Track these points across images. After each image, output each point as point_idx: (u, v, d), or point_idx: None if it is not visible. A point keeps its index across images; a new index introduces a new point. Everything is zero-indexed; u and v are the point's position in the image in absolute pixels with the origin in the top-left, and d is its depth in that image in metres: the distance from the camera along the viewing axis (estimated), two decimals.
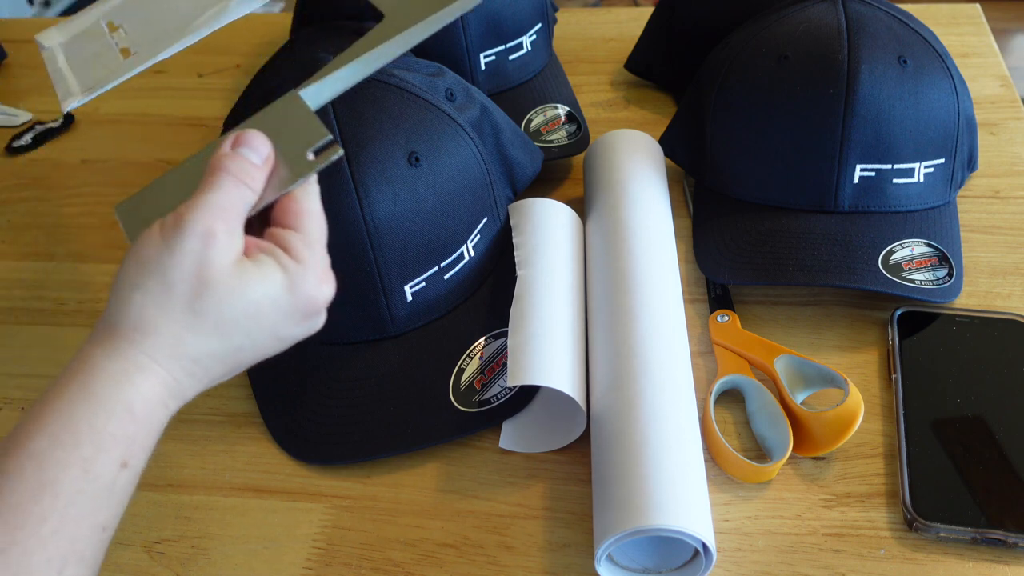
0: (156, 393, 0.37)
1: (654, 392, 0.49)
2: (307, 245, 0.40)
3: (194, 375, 0.38)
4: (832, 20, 0.62)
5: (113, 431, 0.35)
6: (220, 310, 0.38)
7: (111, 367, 0.36)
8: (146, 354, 0.37)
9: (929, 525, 0.47)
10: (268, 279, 0.39)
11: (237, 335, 0.39)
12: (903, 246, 0.60)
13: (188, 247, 0.37)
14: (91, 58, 0.53)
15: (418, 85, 0.58)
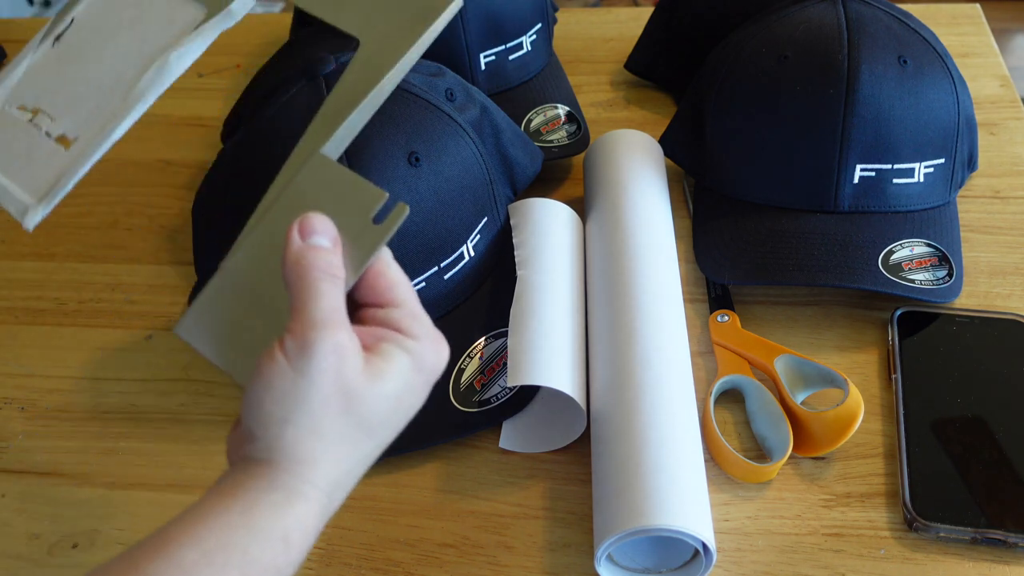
0: (313, 519, 0.36)
1: (654, 392, 0.49)
2: (413, 317, 0.39)
3: (347, 488, 0.38)
4: (832, 20, 0.62)
5: (266, 561, 0.34)
6: (369, 417, 0.37)
7: (273, 497, 0.35)
8: (309, 483, 0.36)
9: (929, 525, 0.47)
10: (398, 368, 0.37)
11: (384, 432, 0.38)
12: (903, 246, 0.60)
13: (323, 367, 0.35)
14: (23, 157, 0.46)
15: (418, 85, 0.58)
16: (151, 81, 0.45)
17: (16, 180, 0.46)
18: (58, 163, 0.45)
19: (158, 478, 0.55)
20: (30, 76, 0.47)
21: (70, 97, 0.46)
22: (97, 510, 0.53)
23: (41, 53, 0.48)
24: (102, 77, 0.46)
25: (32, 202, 0.45)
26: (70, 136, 0.45)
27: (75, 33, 0.47)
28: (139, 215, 0.75)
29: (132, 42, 0.46)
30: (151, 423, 0.58)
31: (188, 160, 0.80)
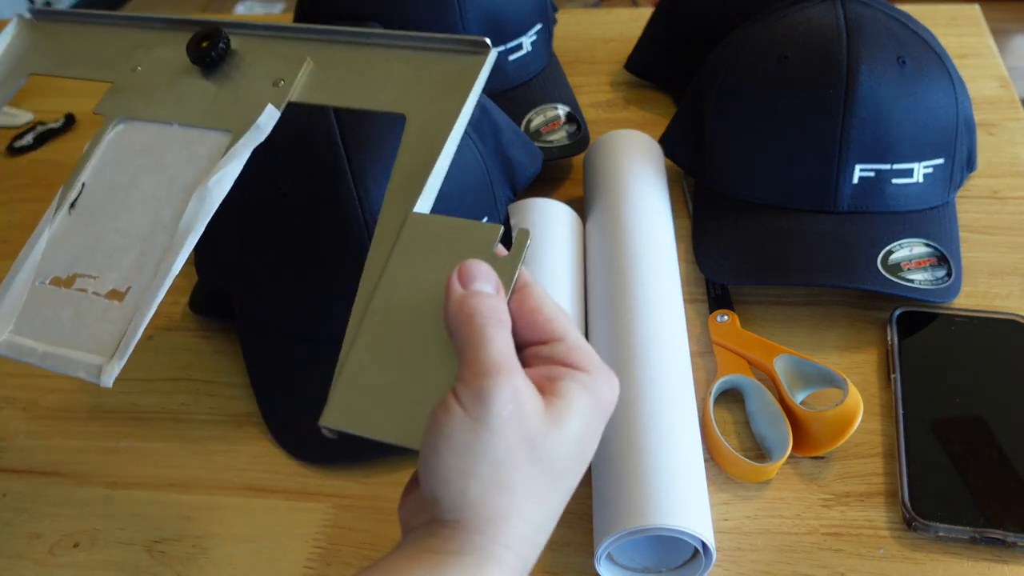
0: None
1: (654, 392, 0.49)
2: (580, 350, 0.36)
3: (538, 545, 0.35)
4: (832, 21, 0.62)
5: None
6: (554, 464, 0.34)
7: (464, 560, 0.33)
8: (502, 544, 0.34)
9: (928, 524, 0.47)
10: (579, 407, 0.35)
11: (568, 479, 0.35)
12: (902, 246, 0.60)
13: (503, 415, 0.33)
14: (75, 323, 0.45)
15: None
16: (196, 212, 0.45)
17: (76, 347, 0.45)
18: (117, 316, 0.45)
19: (159, 478, 0.55)
20: (54, 248, 0.47)
21: (107, 253, 0.46)
22: (98, 510, 0.53)
23: (59, 223, 0.48)
24: (136, 225, 0.46)
25: (103, 360, 0.44)
26: (120, 288, 0.45)
27: (91, 195, 0.48)
28: None
29: (159, 186, 0.47)
30: (152, 423, 0.58)
31: None
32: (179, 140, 0.48)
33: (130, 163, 0.48)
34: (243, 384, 0.60)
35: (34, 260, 0.47)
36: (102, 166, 0.48)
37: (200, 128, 0.47)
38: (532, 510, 0.34)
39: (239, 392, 0.59)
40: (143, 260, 0.45)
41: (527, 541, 0.34)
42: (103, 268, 0.46)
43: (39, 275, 0.47)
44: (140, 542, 0.51)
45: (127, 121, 0.49)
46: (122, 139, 0.49)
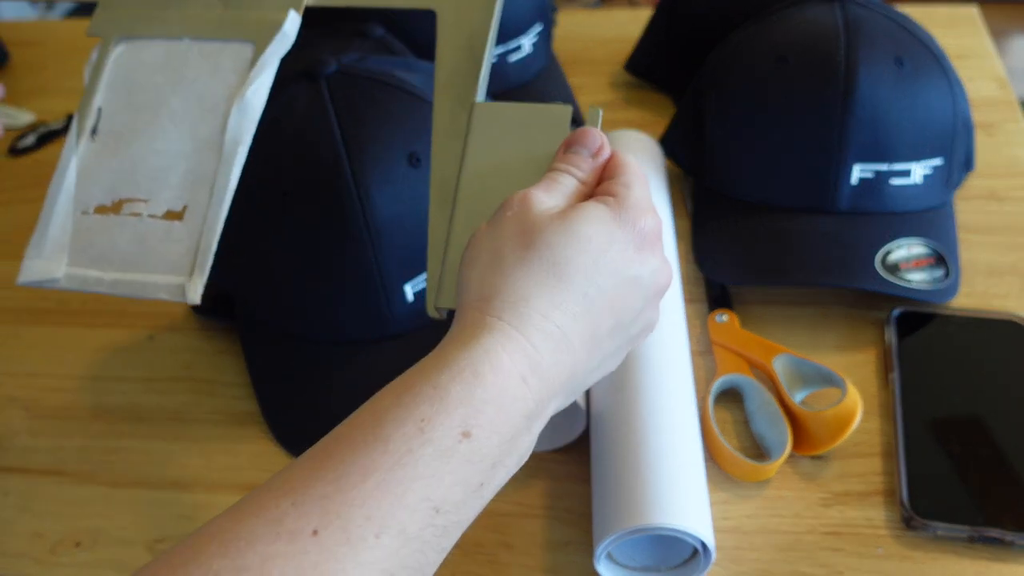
0: (507, 357, 0.33)
1: (654, 391, 0.50)
2: (623, 184, 0.38)
3: (551, 336, 0.35)
4: (830, 21, 0.62)
5: (457, 393, 0.32)
6: (552, 252, 0.35)
7: (461, 335, 0.34)
8: (492, 315, 0.34)
9: (927, 523, 0.47)
10: (589, 212, 0.36)
11: (577, 277, 0.35)
12: (901, 246, 0.60)
13: (508, 215, 0.37)
14: (138, 248, 0.44)
15: (418, 86, 0.59)
16: (239, 124, 0.44)
17: (147, 271, 0.44)
18: (183, 234, 0.44)
19: (160, 477, 0.55)
20: (87, 176, 0.46)
21: (149, 175, 0.45)
22: (100, 509, 0.54)
23: (84, 150, 0.46)
24: (174, 145, 0.45)
25: (182, 279, 0.44)
26: (176, 208, 0.45)
27: (112, 119, 0.46)
28: None
29: (188, 103, 0.46)
30: (153, 422, 0.58)
31: None
32: (196, 55, 0.46)
33: (148, 82, 0.46)
34: (244, 384, 0.60)
35: (69, 190, 0.46)
36: (115, 89, 0.46)
37: (216, 41, 0.45)
38: (530, 291, 0.35)
39: (240, 392, 0.60)
40: (193, 178, 0.45)
41: (525, 320, 0.34)
42: (151, 191, 0.45)
43: (79, 205, 0.46)
44: (141, 541, 0.52)
45: (129, 40, 0.47)
46: (129, 59, 0.46)
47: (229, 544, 0.28)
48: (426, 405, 0.32)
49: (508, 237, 0.36)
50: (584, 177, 0.39)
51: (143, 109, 0.46)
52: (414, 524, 0.30)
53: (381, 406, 0.32)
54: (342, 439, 0.32)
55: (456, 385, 0.32)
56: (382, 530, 0.29)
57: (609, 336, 0.37)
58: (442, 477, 0.31)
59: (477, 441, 0.32)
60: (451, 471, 0.31)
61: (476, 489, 0.32)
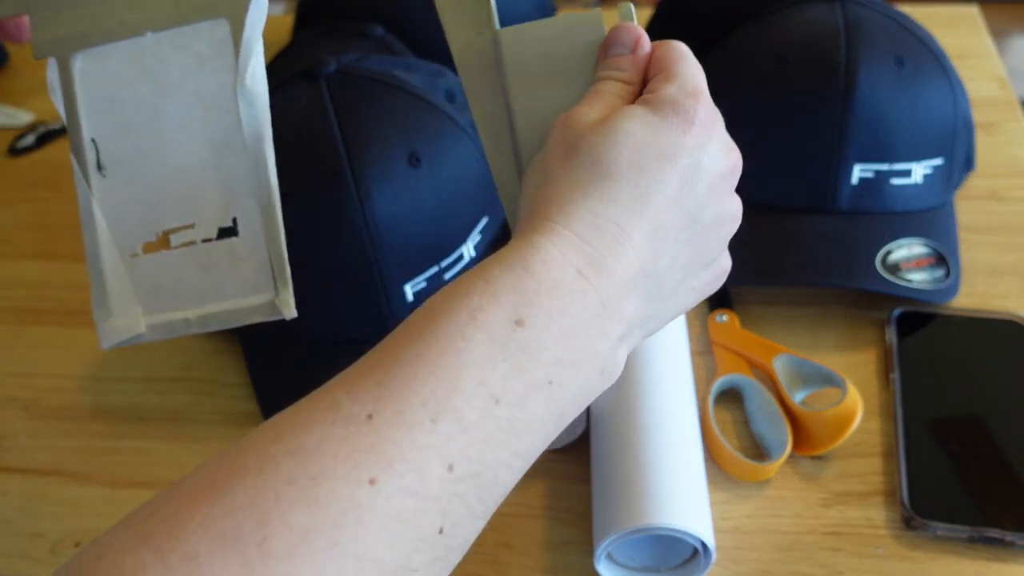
0: (558, 252, 0.33)
1: (654, 391, 0.49)
2: (664, 79, 0.38)
3: (604, 231, 0.34)
4: (830, 21, 0.62)
5: (508, 283, 0.32)
6: (595, 152, 0.35)
7: (514, 241, 0.34)
8: (539, 216, 0.34)
9: (927, 523, 0.47)
10: (631, 112, 0.36)
11: (624, 170, 0.34)
12: (901, 246, 0.60)
13: (553, 138, 0.37)
14: (207, 276, 0.41)
15: (419, 86, 0.59)
16: (253, 117, 0.40)
17: (229, 297, 0.41)
18: (247, 250, 0.41)
19: (160, 477, 0.55)
20: (116, 216, 0.41)
21: (181, 197, 0.41)
22: (99, 509, 0.54)
23: (99, 190, 0.42)
24: (191, 157, 0.41)
25: (269, 295, 0.41)
26: (227, 224, 0.41)
27: (111, 148, 0.41)
28: None
29: (183, 107, 0.41)
30: (153, 423, 0.58)
31: None
32: (169, 49, 0.41)
33: (131, 96, 0.41)
34: (244, 384, 0.60)
35: (105, 237, 0.41)
36: (98, 113, 0.41)
37: (182, 26, 0.40)
38: (575, 192, 0.34)
39: (240, 392, 0.59)
40: (230, 187, 0.41)
41: (571, 217, 0.34)
42: (191, 213, 0.41)
43: (124, 249, 0.41)
44: None
45: (85, 53, 0.41)
46: (97, 74, 0.41)
47: (285, 431, 0.28)
48: (477, 296, 0.31)
49: (554, 155, 0.36)
50: (628, 77, 0.39)
51: (139, 128, 0.41)
52: (472, 411, 0.30)
53: (434, 302, 0.32)
54: (398, 335, 0.31)
55: (507, 277, 0.32)
56: (438, 415, 0.29)
57: (677, 229, 0.35)
58: (496, 364, 0.30)
59: (533, 330, 0.31)
60: (506, 358, 0.31)
61: (542, 386, 0.31)
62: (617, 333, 0.34)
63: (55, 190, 0.79)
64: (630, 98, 0.38)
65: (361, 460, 0.28)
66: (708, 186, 0.36)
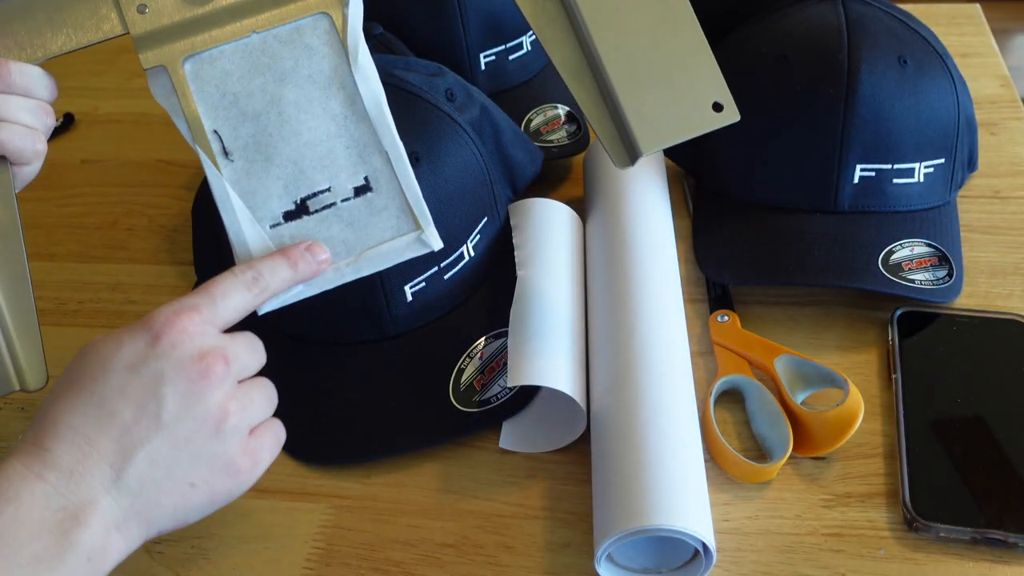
0: (21, 464, 0.38)
1: (654, 392, 0.49)
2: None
3: (61, 437, 0.38)
4: (832, 20, 0.62)
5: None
6: (70, 372, 0.41)
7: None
8: (28, 434, 0.39)
9: (929, 525, 0.47)
10: (107, 335, 0.41)
11: (89, 382, 0.39)
12: (903, 246, 0.60)
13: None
14: (352, 231, 0.47)
15: (418, 85, 0.58)
16: (370, 88, 0.47)
17: (376, 242, 0.47)
18: (385, 201, 0.47)
19: None
20: (252, 194, 0.47)
21: (314, 167, 0.47)
22: None
23: (230, 174, 0.47)
24: (318, 132, 0.47)
25: (415, 233, 0.47)
26: (359, 183, 0.47)
27: (237, 135, 0.47)
28: (139, 215, 0.75)
29: (303, 90, 0.47)
30: None
31: (188, 160, 0.80)
32: (276, 45, 0.47)
33: (248, 88, 0.47)
34: None
35: (244, 214, 0.47)
36: (218, 107, 0.47)
37: (286, 24, 0.47)
38: (47, 409, 0.40)
39: None
40: (358, 150, 0.47)
41: (39, 430, 0.39)
42: (326, 179, 0.47)
43: (264, 221, 0.47)
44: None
45: (193, 58, 0.47)
46: (209, 75, 0.47)
47: None
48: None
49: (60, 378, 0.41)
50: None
51: (262, 114, 0.47)
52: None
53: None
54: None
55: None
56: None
57: (147, 431, 0.39)
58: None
59: (2, 540, 0.35)
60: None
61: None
62: (101, 524, 0.38)
63: (52, 189, 0.79)
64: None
65: None
66: (175, 390, 0.39)
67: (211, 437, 0.40)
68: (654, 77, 0.45)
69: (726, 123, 0.45)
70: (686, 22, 0.47)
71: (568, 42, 0.46)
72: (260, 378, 0.44)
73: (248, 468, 0.41)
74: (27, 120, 0.46)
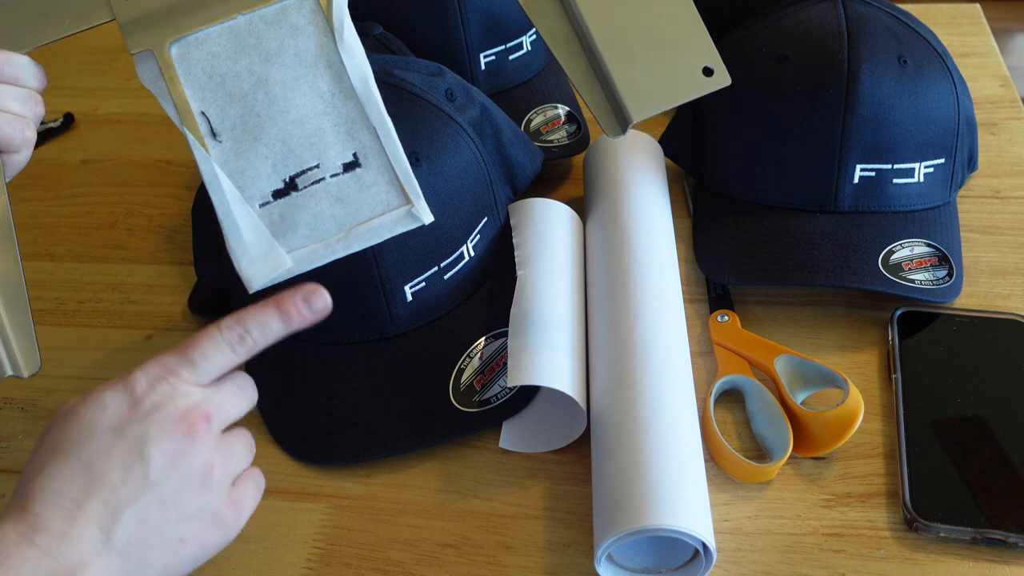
0: (11, 528, 0.38)
1: (654, 392, 0.49)
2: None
3: (48, 501, 0.38)
4: (832, 20, 0.62)
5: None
6: (50, 434, 0.40)
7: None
8: (14, 499, 0.39)
9: (929, 525, 0.47)
10: (95, 392, 0.41)
11: (74, 445, 0.39)
12: (903, 246, 0.60)
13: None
14: (343, 206, 0.47)
15: (418, 85, 0.58)
16: (356, 65, 0.46)
17: (366, 217, 0.47)
18: (373, 176, 0.47)
19: None
20: (241, 173, 0.47)
21: (302, 144, 0.47)
22: None
23: (219, 155, 0.47)
24: (305, 110, 0.47)
25: (404, 207, 0.47)
26: (348, 160, 0.47)
27: (225, 115, 0.47)
28: (139, 215, 0.75)
29: (289, 70, 0.47)
30: None
31: (188, 160, 0.80)
32: (262, 25, 0.47)
33: (235, 69, 0.47)
34: None
35: (233, 193, 0.47)
36: (205, 89, 0.47)
37: (272, 5, 0.47)
38: (32, 474, 0.39)
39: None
40: (346, 127, 0.47)
41: (27, 495, 0.39)
42: (314, 156, 0.47)
43: (253, 200, 0.47)
44: None
45: (179, 42, 0.47)
46: (197, 58, 0.47)
47: None
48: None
49: (38, 443, 0.41)
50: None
51: (249, 94, 0.47)
52: None
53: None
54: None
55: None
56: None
57: (135, 491, 0.39)
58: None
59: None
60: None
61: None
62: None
63: (52, 189, 0.79)
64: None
65: None
66: (160, 451, 0.39)
67: (198, 492, 0.40)
68: (642, 44, 0.45)
69: (717, 87, 0.45)
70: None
71: (555, 12, 0.46)
72: (239, 428, 0.43)
73: (233, 518, 0.42)
74: (16, 108, 0.46)
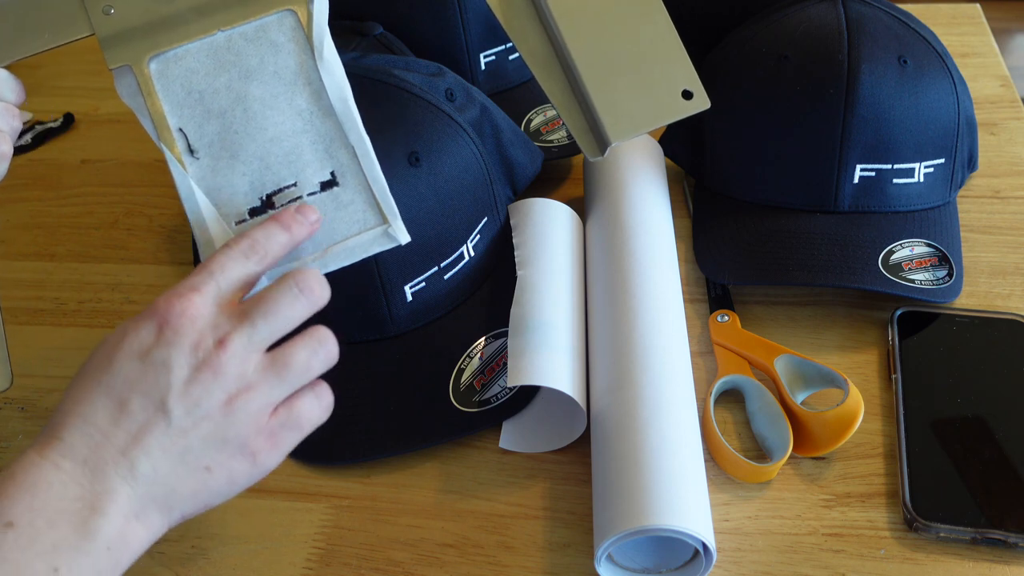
0: (39, 454, 0.38)
1: (654, 392, 0.49)
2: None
3: (72, 426, 0.38)
4: (832, 20, 0.62)
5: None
6: (85, 365, 0.40)
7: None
8: (47, 427, 0.39)
9: (929, 525, 0.47)
10: (118, 327, 0.41)
11: (94, 370, 0.40)
12: (903, 246, 0.60)
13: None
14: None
15: (418, 85, 0.58)
16: (336, 83, 0.46)
17: (343, 236, 0.47)
18: (351, 195, 0.47)
19: None
20: (218, 191, 0.47)
21: (280, 163, 0.47)
22: None
23: (196, 172, 0.47)
24: (283, 128, 0.47)
25: (381, 225, 0.47)
26: (326, 178, 0.47)
27: (202, 132, 0.47)
28: (139, 215, 0.75)
29: (268, 87, 0.47)
30: None
31: None
32: (242, 42, 0.46)
33: (214, 85, 0.46)
34: None
35: (210, 211, 0.46)
36: (183, 105, 0.46)
37: (252, 22, 0.46)
38: (64, 399, 0.40)
39: None
40: (324, 145, 0.47)
41: (56, 421, 0.39)
42: (290, 175, 0.47)
43: (230, 218, 0.47)
44: None
45: (158, 57, 0.46)
46: (175, 73, 0.46)
47: None
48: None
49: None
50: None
51: (227, 111, 0.46)
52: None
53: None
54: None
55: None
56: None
57: (149, 414, 0.39)
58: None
59: (20, 528, 0.35)
60: (3, 559, 0.34)
61: (48, 573, 0.35)
62: (119, 513, 0.37)
63: (52, 189, 0.79)
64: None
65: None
66: (179, 377, 0.39)
67: (221, 420, 0.39)
68: (622, 66, 0.45)
69: (696, 111, 0.45)
70: (654, 10, 0.46)
71: (535, 33, 0.46)
72: (293, 342, 0.42)
73: (266, 449, 0.41)
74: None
